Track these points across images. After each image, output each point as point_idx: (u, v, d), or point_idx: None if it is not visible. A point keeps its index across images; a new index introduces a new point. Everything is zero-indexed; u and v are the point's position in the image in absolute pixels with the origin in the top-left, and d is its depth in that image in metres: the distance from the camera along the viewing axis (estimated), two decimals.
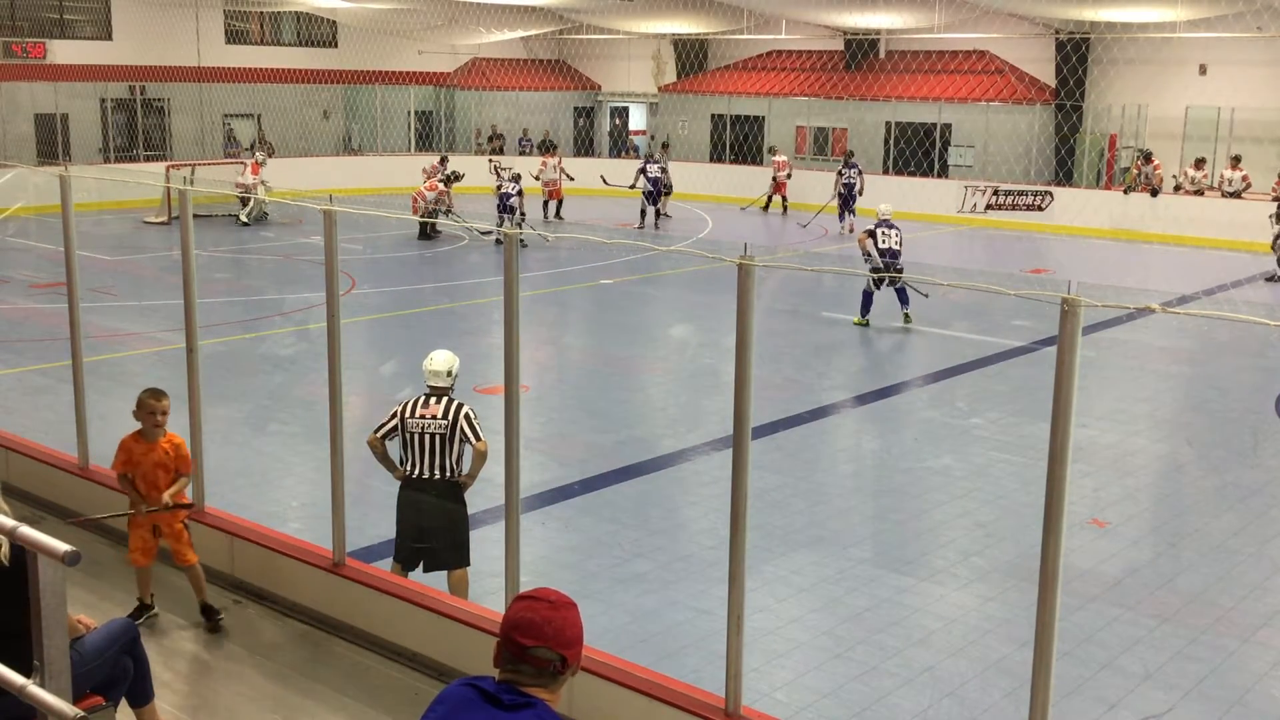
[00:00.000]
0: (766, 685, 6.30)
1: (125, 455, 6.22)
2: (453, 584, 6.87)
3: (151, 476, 6.19)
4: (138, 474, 6.20)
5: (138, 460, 6.19)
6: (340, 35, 32.03)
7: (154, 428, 6.16)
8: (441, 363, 6.91)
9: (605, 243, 8.62)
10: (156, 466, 6.18)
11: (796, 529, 8.59)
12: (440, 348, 7.09)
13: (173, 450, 6.23)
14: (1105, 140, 27.85)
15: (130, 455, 6.21)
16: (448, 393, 6.87)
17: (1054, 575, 4.01)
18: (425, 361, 6.95)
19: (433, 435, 6.73)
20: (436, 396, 6.82)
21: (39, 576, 3.06)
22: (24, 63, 27.33)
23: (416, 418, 6.75)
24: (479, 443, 6.72)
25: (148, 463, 6.18)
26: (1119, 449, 10.57)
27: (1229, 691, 6.46)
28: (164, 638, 6.22)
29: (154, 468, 6.18)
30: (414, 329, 15.31)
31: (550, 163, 25.92)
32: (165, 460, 6.19)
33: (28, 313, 15.94)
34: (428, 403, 6.80)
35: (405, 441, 6.79)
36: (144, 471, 6.18)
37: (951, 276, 18.85)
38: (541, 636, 2.71)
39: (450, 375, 6.92)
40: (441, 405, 6.78)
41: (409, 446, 6.78)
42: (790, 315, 16.27)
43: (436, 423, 6.72)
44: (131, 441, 6.22)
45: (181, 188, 7.27)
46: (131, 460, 6.21)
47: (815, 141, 31.60)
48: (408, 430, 6.76)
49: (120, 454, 6.23)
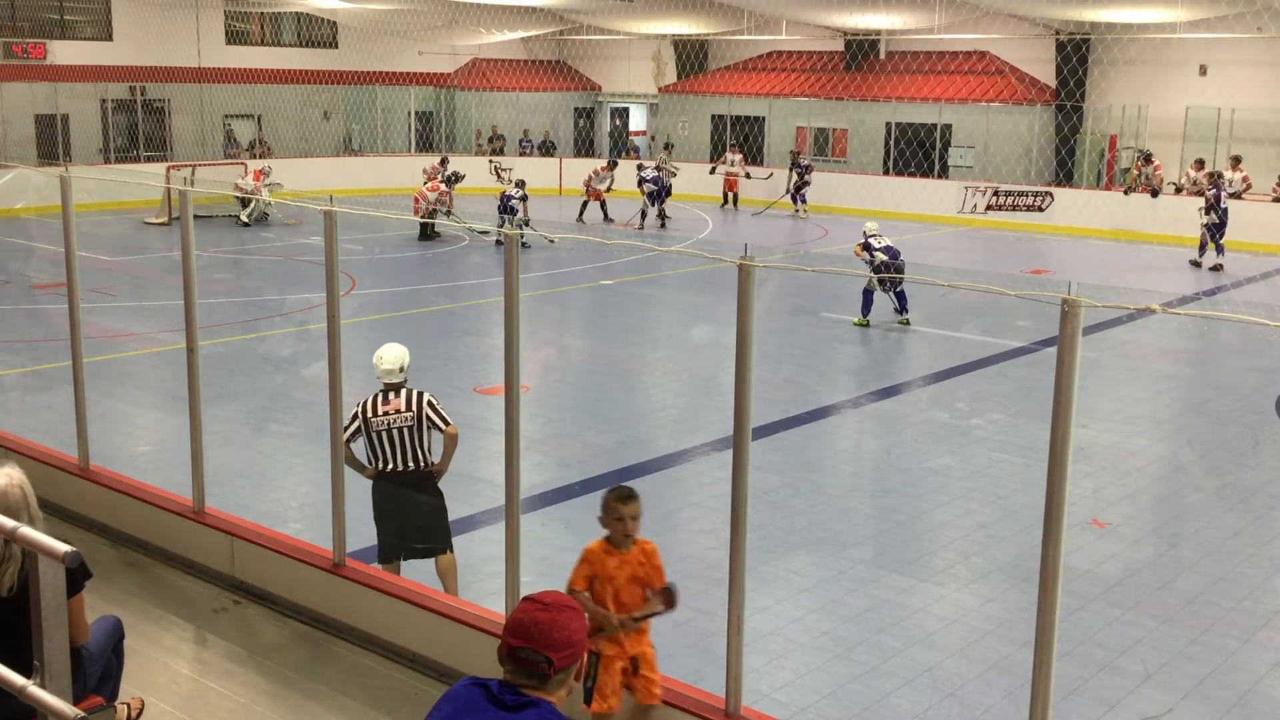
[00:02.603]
0: (766, 686, 6.30)
1: (590, 569, 5.06)
2: (442, 570, 6.97)
3: (627, 593, 5.07)
4: (608, 591, 5.05)
5: (610, 574, 5.04)
6: (340, 36, 32.03)
7: (624, 536, 5.04)
8: (392, 359, 6.97)
9: (605, 243, 8.62)
10: (631, 581, 5.06)
11: (796, 529, 8.59)
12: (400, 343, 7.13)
13: (645, 559, 5.12)
14: (1105, 141, 27.85)
15: (598, 568, 5.07)
16: (404, 385, 6.92)
17: (1054, 576, 4.01)
18: (375, 359, 7.00)
19: (400, 429, 6.81)
20: (394, 391, 6.87)
21: (39, 577, 3.06)
22: (24, 63, 27.33)
23: (380, 415, 6.81)
24: (448, 427, 6.80)
25: (621, 577, 5.04)
26: (1119, 449, 10.57)
27: (1229, 691, 6.46)
28: (164, 637, 6.21)
29: (629, 582, 5.05)
30: (415, 329, 15.31)
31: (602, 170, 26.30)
32: (639, 572, 5.08)
33: (28, 313, 15.95)
34: (388, 398, 6.85)
35: (372, 440, 6.84)
36: (616, 588, 5.06)
37: (952, 277, 18.85)
38: (528, 638, 2.75)
39: (402, 370, 6.97)
40: (402, 398, 6.84)
41: (377, 444, 6.84)
42: (790, 315, 16.27)
43: (401, 416, 6.80)
44: (601, 552, 5.08)
45: (182, 188, 7.26)
46: (601, 574, 5.06)
47: (815, 142, 31.61)
48: (373, 429, 6.81)
49: (583, 566, 5.07)
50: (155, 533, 7.15)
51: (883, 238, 15.74)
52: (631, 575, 5.05)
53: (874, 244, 15.55)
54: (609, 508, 5.07)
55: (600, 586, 5.03)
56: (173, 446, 8.80)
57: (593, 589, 5.04)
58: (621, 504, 5.05)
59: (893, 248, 15.57)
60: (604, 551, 5.07)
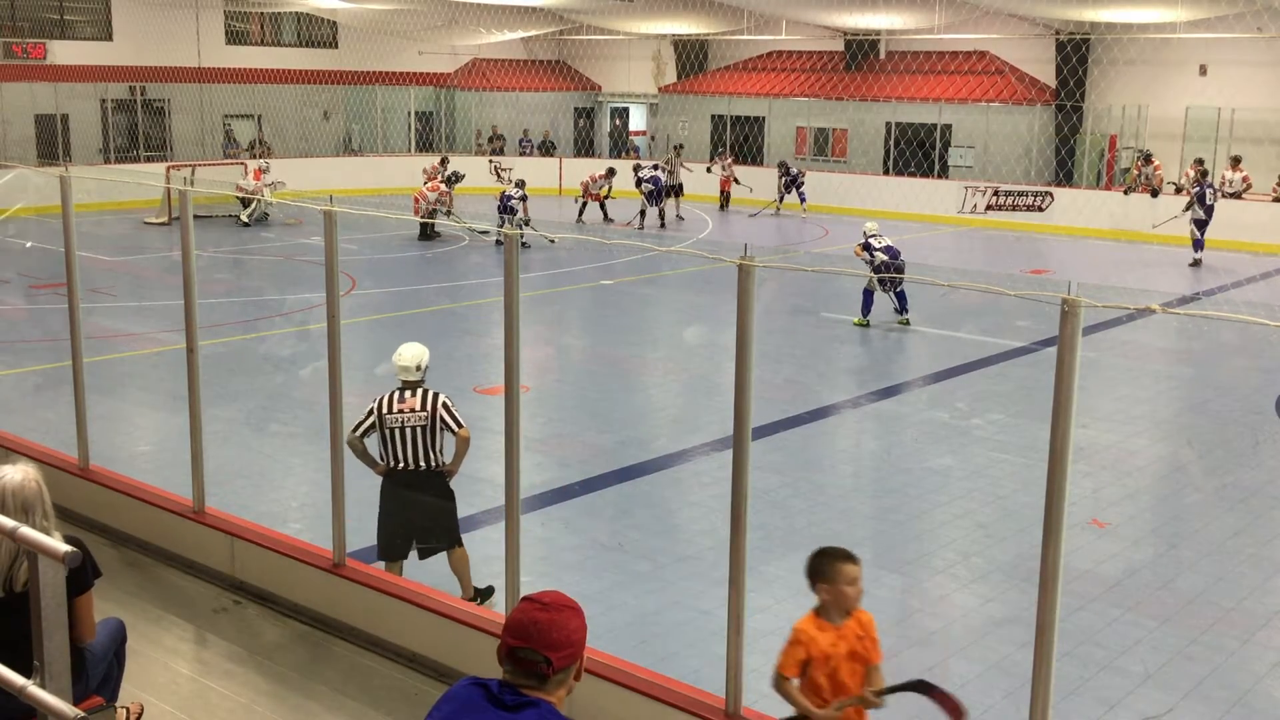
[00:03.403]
0: (767, 685, 6.29)
1: (805, 651, 4.31)
2: (455, 564, 7.03)
3: (847, 672, 4.33)
4: (822, 674, 4.32)
5: (826, 654, 4.29)
6: (340, 36, 32.03)
7: (847, 607, 4.34)
8: (410, 357, 6.98)
9: (605, 243, 8.62)
10: (850, 658, 4.34)
11: (797, 529, 8.59)
12: (420, 343, 7.15)
13: (864, 631, 4.38)
14: (1105, 141, 27.85)
15: (813, 649, 4.30)
16: (421, 384, 6.93)
17: (1054, 575, 4.01)
18: (395, 356, 7.02)
19: (414, 428, 6.83)
20: (411, 389, 6.89)
21: (38, 577, 3.06)
22: (24, 63, 27.33)
23: (395, 413, 6.83)
24: (461, 430, 6.81)
25: (839, 655, 4.32)
26: (1119, 449, 10.57)
27: (1229, 691, 6.46)
28: (164, 638, 6.21)
29: (847, 660, 4.33)
30: (415, 329, 15.30)
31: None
32: (857, 647, 4.35)
33: (28, 313, 15.94)
34: (403, 396, 6.87)
35: (385, 437, 6.86)
36: (833, 668, 4.32)
37: (952, 277, 18.85)
38: (527, 638, 2.75)
39: (420, 369, 6.99)
40: (418, 397, 6.86)
41: (389, 441, 6.86)
42: (790, 315, 16.27)
43: (416, 415, 6.82)
44: (813, 629, 4.32)
45: (182, 188, 7.26)
46: (816, 656, 4.30)
47: (815, 142, 31.62)
48: (387, 426, 6.83)
49: (795, 649, 4.31)
50: (155, 533, 7.15)
51: (883, 238, 15.76)
52: (850, 651, 4.32)
53: (874, 244, 15.56)
54: (835, 572, 4.28)
55: (814, 671, 4.28)
56: (173, 446, 8.80)
57: (805, 674, 4.30)
58: (852, 565, 4.30)
59: (893, 248, 15.58)
60: (816, 628, 4.30)
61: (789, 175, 27.60)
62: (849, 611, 4.31)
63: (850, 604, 4.29)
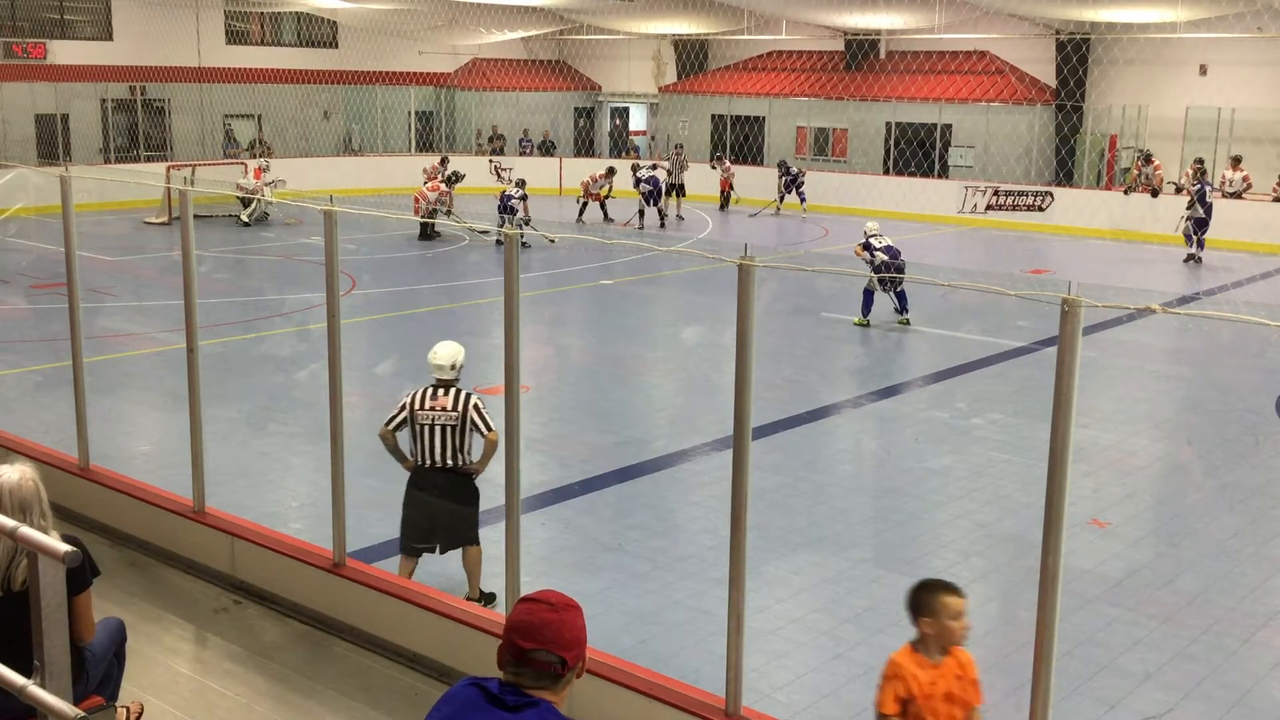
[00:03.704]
0: (766, 685, 6.30)
1: (904, 686, 4.03)
2: (468, 562, 7.07)
3: (942, 716, 4.06)
4: (921, 710, 4.04)
5: (925, 692, 4.03)
6: (340, 36, 32.02)
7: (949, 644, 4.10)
8: (446, 355, 6.97)
9: (605, 243, 8.63)
10: (947, 700, 4.07)
11: (797, 529, 8.59)
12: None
13: (962, 672, 4.12)
14: (1105, 141, 27.85)
15: (912, 685, 4.03)
16: (455, 383, 6.93)
17: (1054, 575, 4.01)
18: (430, 354, 7.01)
19: (443, 427, 6.83)
20: (444, 388, 6.89)
21: (38, 576, 3.06)
22: (24, 63, 27.33)
23: (426, 409, 6.84)
24: (490, 433, 6.80)
25: (937, 695, 4.05)
26: (1119, 449, 10.57)
27: (1229, 691, 6.46)
28: (164, 637, 6.22)
29: (944, 701, 4.06)
30: (414, 329, 15.30)
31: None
32: (955, 689, 4.08)
33: (28, 313, 15.94)
34: (436, 394, 6.87)
35: (415, 433, 6.87)
36: (931, 708, 4.04)
37: (952, 277, 18.85)
38: (540, 639, 2.74)
39: (454, 368, 6.97)
40: (450, 396, 6.86)
41: (419, 438, 6.87)
42: (790, 315, 16.27)
43: (447, 414, 6.82)
44: (912, 664, 4.06)
45: (182, 188, 7.27)
46: (915, 694, 4.04)
47: (815, 142, 31.62)
48: (418, 422, 6.85)
49: (894, 684, 4.04)
50: (155, 533, 7.15)
51: (883, 237, 15.76)
52: (946, 693, 4.05)
53: (874, 244, 15.56)
54: (939, 605, 4.02)
55: (913, 710, 4.01)
56: (173, 446, 8.80)
57: (906, 712, 4.04)
58: (957, 598, 4.04)
59: (893, 247, 15.58)
60: (915, 664, 4.05)
61: (789, 175, 27.61)
62: (948, 649, 4.08)
63: (956, 640, 4.07)
